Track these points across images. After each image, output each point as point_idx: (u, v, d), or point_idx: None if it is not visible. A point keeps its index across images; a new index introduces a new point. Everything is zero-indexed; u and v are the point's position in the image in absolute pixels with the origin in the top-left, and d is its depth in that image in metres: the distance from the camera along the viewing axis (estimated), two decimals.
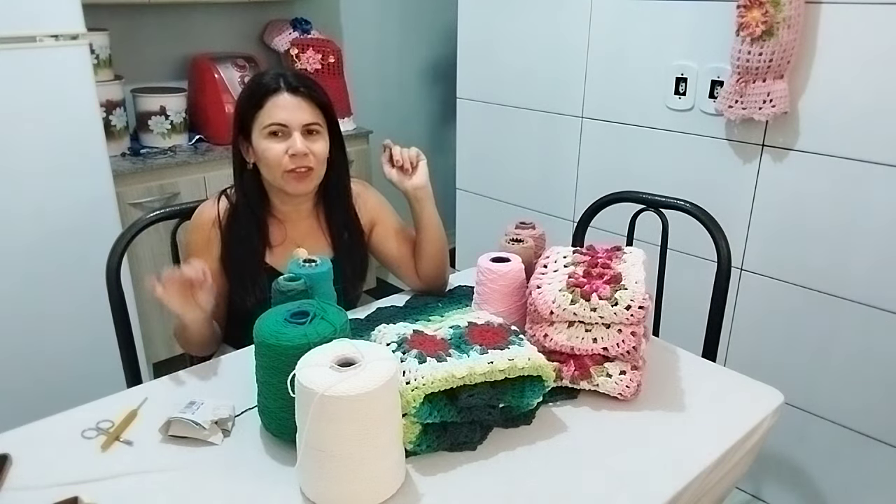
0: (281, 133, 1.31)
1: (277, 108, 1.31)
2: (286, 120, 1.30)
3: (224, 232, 1.39)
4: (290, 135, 1.31)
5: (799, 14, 1.61)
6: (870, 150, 1.63)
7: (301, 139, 1.31)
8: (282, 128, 1.31)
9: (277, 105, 1.31)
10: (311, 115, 1.33)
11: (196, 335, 1.28)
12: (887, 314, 1.68)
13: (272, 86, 1.32)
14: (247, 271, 1.38)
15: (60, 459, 0.98)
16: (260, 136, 1.32)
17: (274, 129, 1.31)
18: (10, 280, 1.92)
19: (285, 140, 1.31)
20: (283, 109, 1.31)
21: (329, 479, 0.87)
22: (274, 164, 1.32)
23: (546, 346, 1.13)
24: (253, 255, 1.39)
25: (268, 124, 1.31)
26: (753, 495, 2.05)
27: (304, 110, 1.32)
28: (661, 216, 1.61)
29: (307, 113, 1.32)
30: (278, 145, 1.31)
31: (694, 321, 1.60)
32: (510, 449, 1.02)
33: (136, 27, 2.70)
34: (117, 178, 2.13)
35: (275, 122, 1.30)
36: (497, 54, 2.38)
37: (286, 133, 1.31)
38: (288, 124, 1.30)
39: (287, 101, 1.31)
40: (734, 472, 1.09)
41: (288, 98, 1.31)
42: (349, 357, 0.88)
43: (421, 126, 3.79)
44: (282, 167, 1.32)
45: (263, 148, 1.32)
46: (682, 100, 1.93)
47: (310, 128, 1.33)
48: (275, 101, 1.31)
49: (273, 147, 1.31)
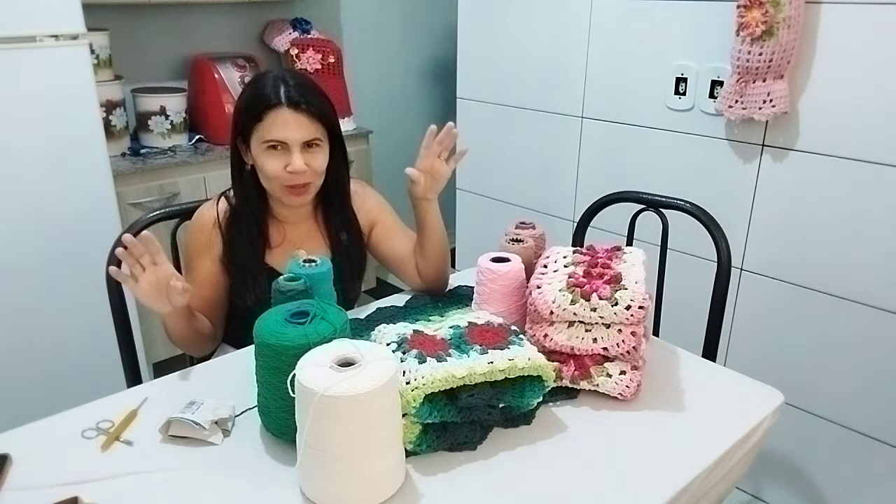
0: (280, 148, 1.30)
1: (277, 126, 1.28)
2: (286, 138, 1.28)
3: (224, 233, 1.39)
4: (289, 150, 1.29)
5: (799, 14, 1.61)
6: (870, 150, 1.63)
7: (300, 157, 1.29)
8: (281, 143, 1.29)
9: (277, 123, 1.28)
10: (310, 131, 1.30)
11: (176, 329, 1.26)
12: (887, 314, 1.68)
13: (272, 99, 1.28)
14: (247, 272, 1.38)
15: (60, 459, 0.98)
16: (258, 149, 1.31)
17: (274, 145, 1.30)
18: (10, 280, 1.92)
19: (284, 155, 1.29)
20: (283, 127, 1.28)
21: (329, 479, 0.88)
22: (272, 178, 1.31)
23: (546, 346, 1.13)
24: (253, 256, 1.39)
25: (266, 139, 1.29)
26: (753, 495, 2.05)
27: (304, 127, 1.29)
28: (661, 216, 1.61)
29: (307, 130, 1.30)
30: (276, 161, 1.30)
31: (694, 321, 1.60)
32: (510, 449, 1.02)
33: (136, 27, 2.70)
34: (117, 178, 2.13)
35: (274, 138, 1.29)
36: (497, 54, 2.37)
37: (285, 148, 1.29)
38: (287, 141, 1.29)
39: (287, 117, 1.28)
40: (734, 472, 1.09)
41: (288, 114, 1.28)
42: (349, 357, 0.88)
43: (421, 126, 3.75)
44: (279, 181, 1.31)
45: (262, 161, 1.31)
46: (682, 100, 1.93)
47: (309, 142, 1.31)
48: (274, 118, 1.28)
49: (271, 162, 1.30)
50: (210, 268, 1.39)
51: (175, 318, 1.24)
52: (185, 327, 1.27)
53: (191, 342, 1.32)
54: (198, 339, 1.33)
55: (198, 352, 1.38)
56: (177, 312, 1.22)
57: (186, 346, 1.34)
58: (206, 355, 1.41)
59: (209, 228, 1.39)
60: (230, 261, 1.39)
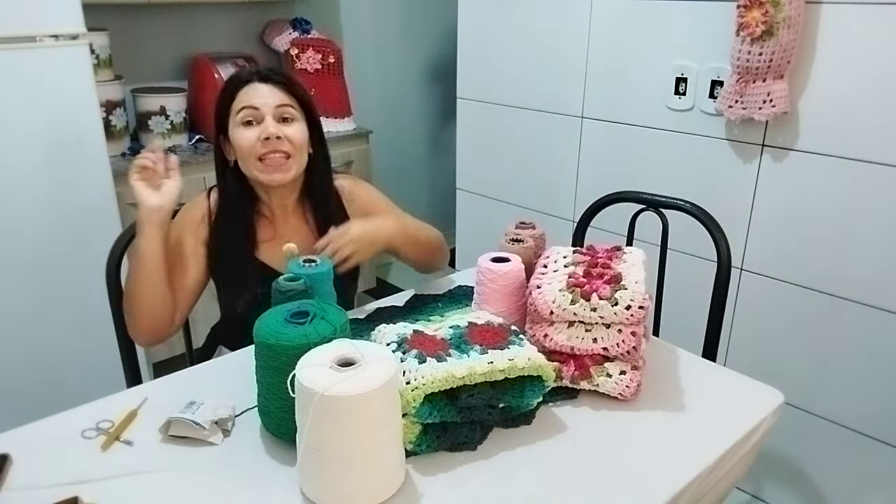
0: (253, 120, 1.32)
1: (248, 95, 1.32)
2: (257, 103, 1.31)
3: (212, 230, 1.38)
4: (263, 119, 1.31)
5: (799, 14, 1.61)
6: (870, 150, 1.63)
7: (273, 123, 1.31)
8: (253, 111, 1.31)
9: (248, 93, 1.33)
10: (281, 97, 1.33)
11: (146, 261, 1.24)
12: (887, 314, 1.68)
13: (244, 77, 1.34)
14: (237, 268, 1.38)
15: (60, 459, 0.98)
16: (234, 127, 1.33)
17: (246, 116, 1.31)
18: (11, 280, 1.92)
19: (258, 128, 1.31)
20: (255, 95, 1.32)
21: (329, 479, 0.87)
22: (248, 152, 1.32)
23: (546, 346, 1.13)
24: (242, 252, 1.38)
25: (239, 109, 1.32)
26: (753, 495, 2.05)
27: (275, 95, 1.33)
28: (661, 216, 1.61)
29: (277, 97, 1.33)
30: (251, 132, 1.31)
31: (694, 321, 1.60)
32: (510, 449, 1.02)
33: (136, 27, 2.70)
34: (117, 178, 2.13)
35: (245, 105, 1.31)
36: (497, 54, 2.37)
37: (258, 118, 1.31)
38: (259, 107, 1.31)
39: (258, 87, 1.33)
40: (734, 471, 1.09)
41: (259, 85, 1.33)
42: (349, 357, 0.88)
43: (421, 126, 3.79)
44: (255, 153, 1.31)
45: (236, 136, 1.33)
46: (682, 100, 1.93)
47: (283, 113, 1.33)
48: (246, 90, 1.33)
49: (245, 134, 1.31)
50: (194, 248, 1.37)
51: (153, 242, 1.24)
52: (157, 263, 1.26)
53: (148, 294, 1.27)
54: (156, 298, 1.28)
55: (147, 323, 1.31)
56: (157, 229, 1.23)
57: (141, 297, 1.27)
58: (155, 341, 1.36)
59: (198, 221, 1.39)
60: (220, 258, 1.37)
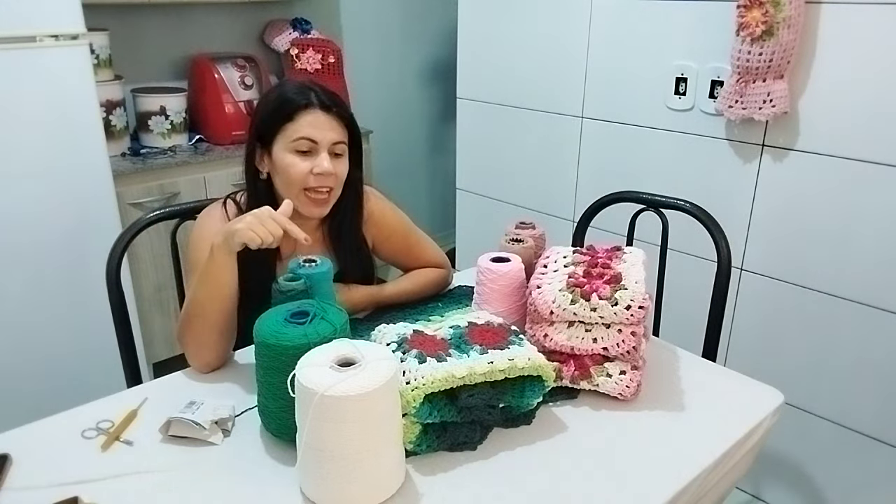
0: (309, 150, 1.29)
1: (309, 125, 1.28)
2: (317, 137, 1.28)
3: None
4: (318, 153, 1.29)
5: (799, 14, 1.61)
6: (870, 150, 1.63)
7: (328, 159, 1.29)
8: (311, 144, 1.28)
9: (309, 121, 1.28)
10: (340, 133, 1.31)
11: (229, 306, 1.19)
12: (887, 314, 1.68)
13: (302, 101, 1.28)
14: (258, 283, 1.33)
15: (60, 459, 0.98)
16: (285, 150, 1.29)
17: (303, 146, 1.28)
18: (10, 280, 1.92)
19: (311, 158, 1.29)
20: (316, 127, 1.28)
21: (329, 479, 0.87)
22: (296, 181, 1.29)
23: (546, 346, 1.13)
24: (264, 267, 1.35)
25: (297, 138, 1.28)
26: (753, 495, 2.05)
27: (335, 129, 1.30)
28: (661, 216, 1.61)
29: (337, 132, 1.30)
30: (304, 163, 1.28)
31: (694, 321, 1.60)
32: (510, 449, 1.02)
33: (136, 27, 2.70)
34: (117, 178, 2.13)
35: (305, 136, 1.27)
36: (497, 54, 2.37)
37: (314, 151, 1.29)
38: (318, 141, 1.28)
39: (320, 118, 1.28)
40: (734, 472, 1.09)
41: (321, 115, 1.29)
42: (349, 357, 0.88)
43: (421, 126, 3.79)
44: (303, 185, 1.29)
45: (288, 163, 1.29)
46: (682, 100, 1.93)
47: (336, 149, 1.31)
48: (306, 117, 1.28)
49: (298, 164, 1.28)
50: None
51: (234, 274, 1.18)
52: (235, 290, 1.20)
53: (229, 322, 1.22)
54: (233, 324, 1.23)
55: (225, 350, 1.26)
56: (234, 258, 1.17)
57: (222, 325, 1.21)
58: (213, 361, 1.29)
59: None
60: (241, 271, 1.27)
